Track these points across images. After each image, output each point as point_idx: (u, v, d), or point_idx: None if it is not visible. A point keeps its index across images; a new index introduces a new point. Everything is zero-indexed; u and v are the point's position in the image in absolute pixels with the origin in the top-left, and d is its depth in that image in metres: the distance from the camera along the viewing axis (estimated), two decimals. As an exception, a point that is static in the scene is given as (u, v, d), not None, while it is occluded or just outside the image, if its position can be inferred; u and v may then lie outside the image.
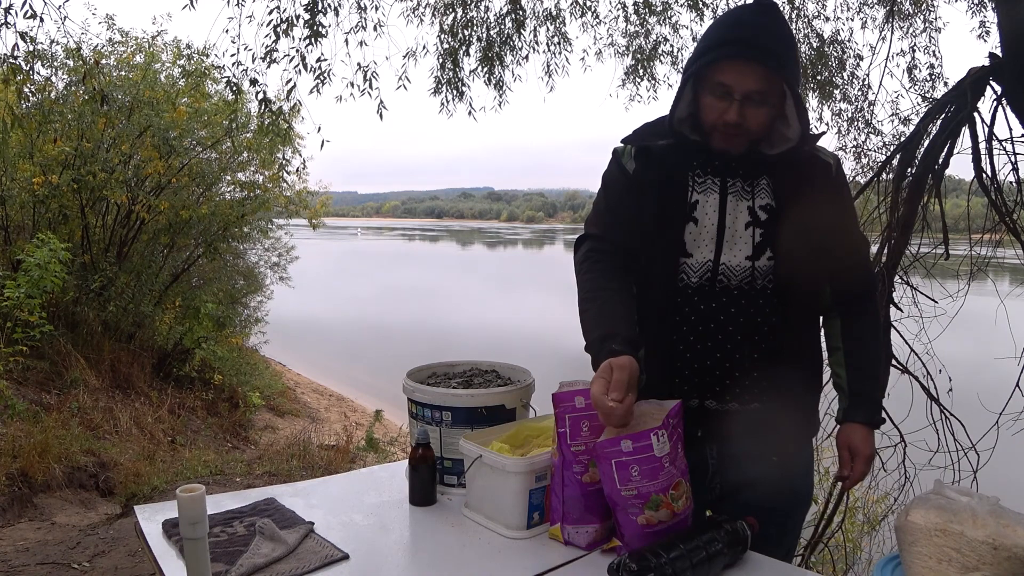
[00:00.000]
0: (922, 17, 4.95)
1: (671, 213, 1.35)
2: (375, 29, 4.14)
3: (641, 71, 5.40)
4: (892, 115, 4.88)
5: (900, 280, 3.43)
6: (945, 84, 4.80)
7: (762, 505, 1.36)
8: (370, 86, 3.93)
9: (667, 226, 1.36)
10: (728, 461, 1.44)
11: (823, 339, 1.50)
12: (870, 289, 1.46)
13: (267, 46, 3.63)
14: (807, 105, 5.48)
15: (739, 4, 1.37)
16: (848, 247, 1.41)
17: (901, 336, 3.37)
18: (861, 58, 5.32)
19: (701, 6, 5.14)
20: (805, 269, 1.32)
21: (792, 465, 1.45)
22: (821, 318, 1.47)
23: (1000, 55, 3.01)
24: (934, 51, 4.99)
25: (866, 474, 1.44)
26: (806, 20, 5.29)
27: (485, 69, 5.09)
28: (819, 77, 5.36)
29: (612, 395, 1.18)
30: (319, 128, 4.03)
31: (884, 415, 1.46)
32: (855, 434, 1.43)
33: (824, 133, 1.45)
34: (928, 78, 5.00)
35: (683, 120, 1.37)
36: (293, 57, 3.69)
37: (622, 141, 1.45)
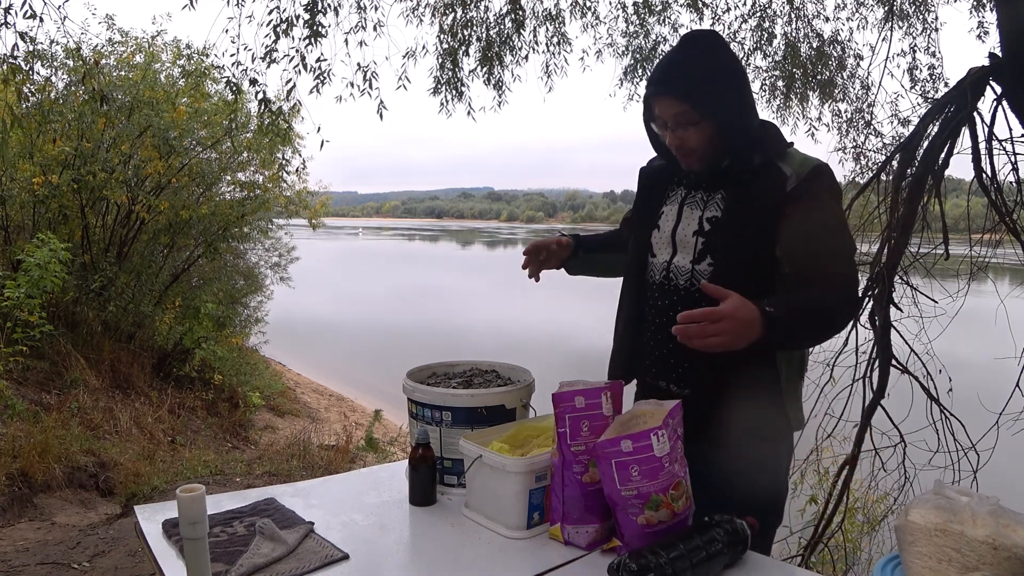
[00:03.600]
0: (920, 18, 4.95)
1: (646, 220, 1.60)
2: (375, 29, 4.14)
3: (640, 71, 5.40)
4: (892, 115, 4.88)
5: (900, 280, 3.43)
6: (946, 84, 4.80)
7: (724, 485, 1.40)
8: (370, 86, 3.93)
9: (642, 230, 1.60)
10: (689, 444, 1.38)
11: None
12: (834, 272, 1.38)
13: (267, 46, 3.63)
14: (811, 103, 5.50)
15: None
16: (800, 248, 1.37)
17: (901, 336, 3.37)
18: (861, 58, 5.33)
19: (700, 6, 5.14)
20: (745, 273, 1.41)
21: (754, 460, 1.45)
22: None
23: (1000, 55, 3.01)
24: (934, 51, 4.99)
25: (715, 327, 1.20)
26: (806, 20, 5.29)
27: (485, 69, 5.09)
28: (819, 77, 5.36)
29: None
30: (319, 128, 4.03)
31: (778, 335, 1.27)
32: (742, 301, 1.25)
33: (792, 144, 1.47)
34: (929, 78, 5.01)
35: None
36: (293, 57, 3.69)
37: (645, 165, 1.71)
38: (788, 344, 1.42)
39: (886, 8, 4.91)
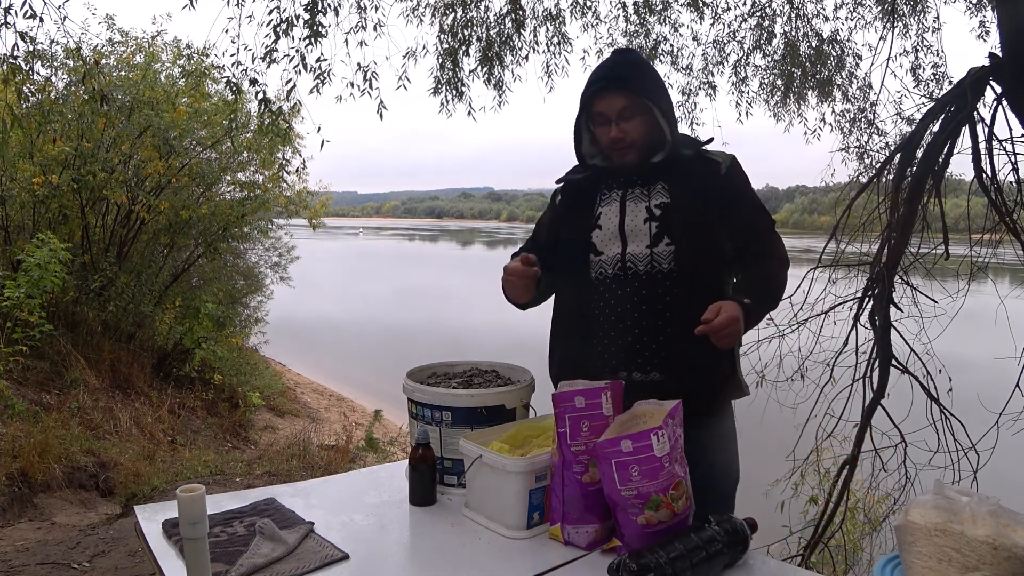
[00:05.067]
0: (917, 18, 4.96)
1: (580, 223, 1.67)
2: (375, 29, 4.14)
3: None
4: (895, 114, 4.88)
5: (900, 280, 3.43)
6: (950, 82, 4.79)
7: (697, 473, 1.44)
8: (370, 86, 3.93)
9: (577, 233, 1.66)
10: None
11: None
12: (767, 249, 1.63)
13: (267, 46, 3.63)
14: (808, 103, 5.51)
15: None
16: (742, 222, 1.61)
17: (901, 336, 3.38)
18: (861, 58, 5.32)
19: (700, 5, 5.14)
20: (700, 248, 1.57)
21: (716, 434, 1.62)
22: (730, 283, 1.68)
23: (1000, 55, 3.01)
24: (937, 51, 4.99)
25: (725, 337, 1.42)
26: (805, 19, 5.28)
27: (485, 69, 5.09)
28: (817, 76, 5.36)
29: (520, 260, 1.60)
30: (319, 128, 4.02)
31: (756, 317, 1.56)
32: (726, 303, 1.45)
33: (712, 139, 1.69)
34: (933, 77, 5.01)
35: (593, 155, 1.70)
36: (293, 57, 3.68)
37: (556, 181, 1.79)
38: (758, 320, 1.59)
39: (883, 7, 4.91)
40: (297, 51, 3.67)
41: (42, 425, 4.39)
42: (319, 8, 3.63)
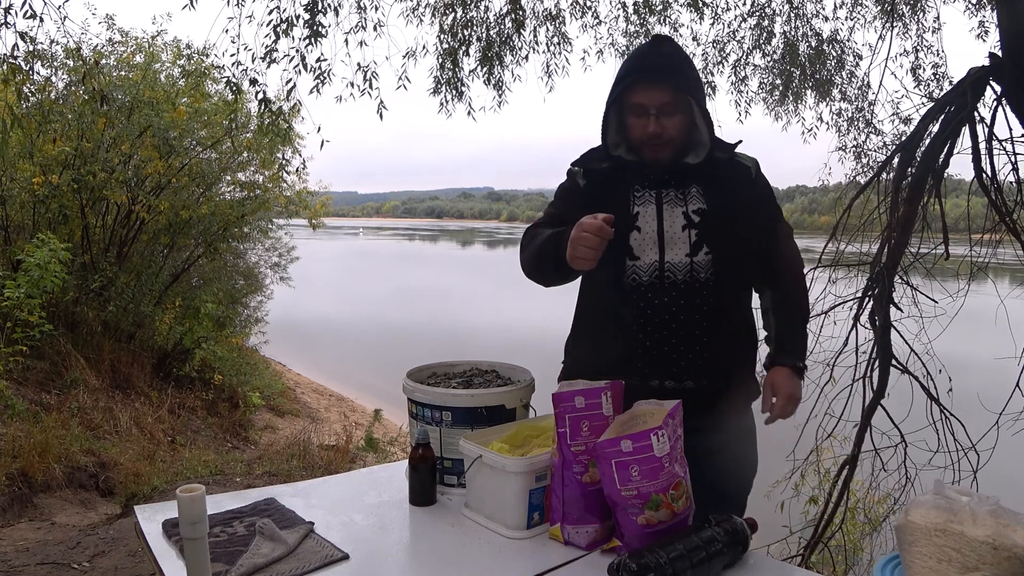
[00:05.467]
0: (916, 19, 4.95)
1: (617, 224, 1.47)
2: (375, 29, 4.14)
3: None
4: (893, 115, 4.87)
5: (900, 280, 3.43)
6: (950, 83, 4.79)
7: (723, 469, 1.54)
8: (370, 86, 3.93)
9: (615, 236, 1.48)
10: (691, 436, 1.43)
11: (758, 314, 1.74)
12: (795, 265, 1.67)
13: (267, 46, 3.63)
14: (806, 103, 5.51)
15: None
16: (772, 234, 1.62)
17: (901, 336, 3.37)
18: (860, 57, 5.32)
19: (701, 5, 5.14)
20: (738, 258, 1.56)
21: (740, 430, 1.65)
22: (756, 296, 1.71)
23: (1000, 55, 3.01)
24: (937, 51, 4.99)
25: (790, 413, 1.61)
26: (805, 19, 5.28)
27: (484, 69, 5.09)
28: (817, 76, 5.36)
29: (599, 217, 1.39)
30: (319, 128, 4.02)
31: (806, 366, 1.67)
32: (779, 375, 1.61)
33: (740, 142, 1.62)
34: (933, 77, 5.00)
35: (618, 144, 1.61)
36: (293, 57, 3.68)
37: (572, 164, 1.68)
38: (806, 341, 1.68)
39: (884, 7, 4.91)
40: (297, 51, 3.67)
41: (42, 425, 4.39)
42: (319, 8, 3.63)
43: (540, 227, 1.62)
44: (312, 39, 3.64)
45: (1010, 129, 3.08)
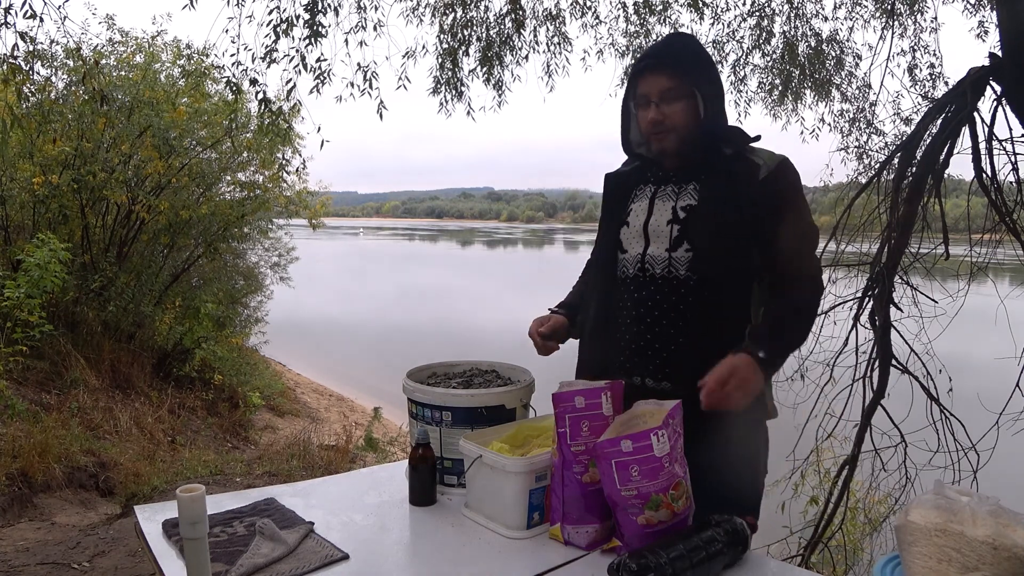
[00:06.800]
0: (914, 19, 4.96)
1: (614, 219, 1.62)
2: (375, 29, 4.14)
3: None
4: (894, 115, 4.88)
5: (900, 280, 3.43)
6: (946, 83, 4.80)
7: (711, 480, 1.40)
8: (370, 86, 3.93)
9: (609, 231, 1.63)
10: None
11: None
12: (804, 273, 1.51)
13: (267, 46, 3.63)
14: (805, 103, 5.51)
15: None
16: (774, 236, 1.46)
17: (901, 336, 3.37)
18: (860, 57, 5.33)
19: (701, 5, 5.13)
20: (723, 256, 1.47)
21: (725, 439, 1.45)
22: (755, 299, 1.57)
23: (1000, 55, 3.01)
24: (933, 51, 4.99)
25: (738, 401, 1.34)
26: (804, 19, 5.29)
27: (484, 69, 5.09)
28: (816, 76, 5.36)
29: (539, 329, 1.67)
30: (319, 128, 4.03)
31: (779, 364, 1.48)
32: (736, 358, 1.36)
33: (759, 137, 1.53)
34: (928, 77, 5.01)
35: (640, 142, 1.61)
36: (293, 57, 3.68)
37: (606, 176, 1.73)
38: (784, 359, 1.49)
39: (883, 7, 4.91)
40: (297, 51, 3.67)
41: (42, 425, 4.39)
42: (319, 8, 3.63)
43: (597, 239, 1.72)
44: (312, 39, 3.65)
45: (1010, 129, 3.08)
